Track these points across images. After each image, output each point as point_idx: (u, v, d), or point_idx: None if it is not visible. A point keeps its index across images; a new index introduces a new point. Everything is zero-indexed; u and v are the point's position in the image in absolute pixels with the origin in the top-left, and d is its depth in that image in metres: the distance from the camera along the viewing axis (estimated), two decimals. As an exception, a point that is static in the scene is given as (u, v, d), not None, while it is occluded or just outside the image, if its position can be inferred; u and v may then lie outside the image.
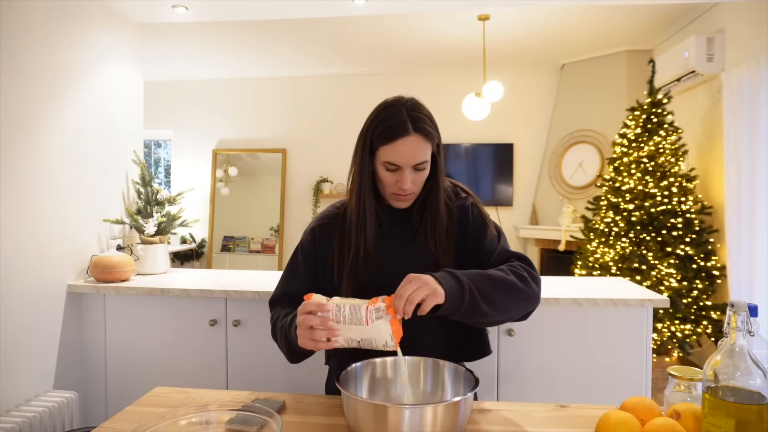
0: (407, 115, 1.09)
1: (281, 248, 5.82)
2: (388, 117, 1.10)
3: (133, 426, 0.91)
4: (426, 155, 1.11)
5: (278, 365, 2.07)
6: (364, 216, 1.15)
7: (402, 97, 1.14)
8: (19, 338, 1.97)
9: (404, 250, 1.18)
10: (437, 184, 1.17)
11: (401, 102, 1.12)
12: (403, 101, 1.13)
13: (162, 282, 2.24)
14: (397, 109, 1.10)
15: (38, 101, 2.06)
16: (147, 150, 6.38)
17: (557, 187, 5.17)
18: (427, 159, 1.12)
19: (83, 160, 2.30)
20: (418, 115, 1.10)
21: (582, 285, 2.18)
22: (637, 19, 4.06)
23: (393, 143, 1.08)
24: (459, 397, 0.86)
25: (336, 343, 0.95)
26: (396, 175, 1.11)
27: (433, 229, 1.16)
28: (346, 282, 1.15)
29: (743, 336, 0.76)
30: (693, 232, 3.41)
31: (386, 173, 1.12)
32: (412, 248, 1.17)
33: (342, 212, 1.23)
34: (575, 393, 1.91)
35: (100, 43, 2.41)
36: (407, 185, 1.10)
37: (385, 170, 1.12)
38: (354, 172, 1.17)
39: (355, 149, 1.17)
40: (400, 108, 1.10)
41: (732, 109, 3.19)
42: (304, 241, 1.24)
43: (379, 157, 1.11)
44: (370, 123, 1.13)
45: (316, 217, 1.27)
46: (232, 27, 4.25)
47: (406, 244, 1.18)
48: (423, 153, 1.10)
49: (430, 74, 5.62)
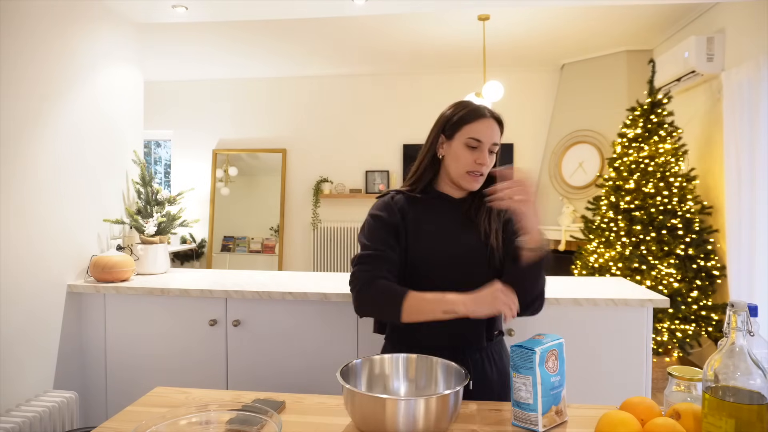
0: (483, 106, 1.29)
1: (281, 248, 5.82)
2: (468, 105, 1.29)
3: (133, 426, 0.92)
4: (499, 139, 1.28)
5: (278, 365, 2.07)
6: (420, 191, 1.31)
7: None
8: (19, 338, 1.97)
9: (456, 225, 1.29)
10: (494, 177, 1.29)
11: (471, 101, 1.32)
12: (471, 102, 1.31)
13: (162, 282, 2.24)
14: (471, 102, 1.31)
15: (38, 101, 2.06)
16: (147, 150, 6.38)
17: (557, 187, 5.17)
18: (499, 144, 1.28)
19: (83, 159, 2.30)
20: (491, 109, 1.29)
21: (582, 285, 2.18)
22: (637, 19, 4.05)
23: (478, 121, 1.25)
24: (449, 391, 0.91)
25: None
26: (475, 154, 1.25)
27: (489, 211, 1.28)
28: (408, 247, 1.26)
29: (743, 336, 0.76)
30: (693, 232, 3.41)
31: (466, 152, 1.25)
32: (470, 230, 1.28)
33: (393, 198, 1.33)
34: (575, 393, 1.91)
35: (100, 42, 2.41)
36: (486, 161, 1.25)
37: (465, 149, 1.25)
38: (420, 155, 1.33)
39: (425, 141, 1.33)
40: (472, 102, 1.31)
41: (732, 109, 3.19)
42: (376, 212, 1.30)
43: (461, 136, 1.26)
44: (451, 112, 1.29)
45: (376, 205, 1.33)
46: (232, 27, 4.24)
47: (463, 226, 1.29)
48: (497, 136, 1.28)
49: (430, 74, 5.62)
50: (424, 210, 1.30)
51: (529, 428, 0.97)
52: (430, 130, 1.33)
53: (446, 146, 1.29)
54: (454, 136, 1.27)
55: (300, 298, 2.01)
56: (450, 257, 1.25)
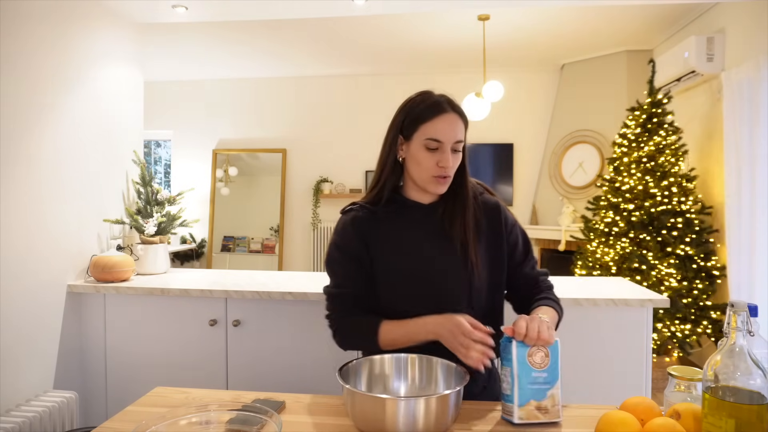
0: (443, 98, 1.15)
1: (281, 248, 5.82)
2: (424, 100, 1.15)
3: (133, 426, 0.91)
4: (462, 135, 1.15)
5: (278, 365, 2.07)
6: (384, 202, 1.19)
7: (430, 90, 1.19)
8: (19, 338, 1.97)
9: (430, 239, 1.18)
10: (465, 175, 1.20)
11: (430, 91, 1.18)
12: (432, 91, 1.18)
13: (162, 282, 2.24)
14: (429, 94, 1.16)
15: (38, 101, 2.05)
16: (147, 150, 6.38)
17: (557, 187, 5.17)
18: (463, 140, 1.15)
19: (83, 159, 2.30)
20: (452, 100, 1.16)
21: (582, 285, 2.18)
22: (637, 19, 4.05)
23: (434, 120, 1.12)
24: (449, 391, 0.91)
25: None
26: (437, 155, 1.13)
27: (464, 220, 1.17)
28: (378, 270, 1.17)
29: (743, 336, 0.76)
30: (693, 232, 3.41)
31: (427, 154, 1.13)
32: (444, 240, 1.18)
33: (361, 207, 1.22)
34: (575, 393, 1.91)
35: (100, 42, 2.40)
36: (449, 162, 1.12)
37: (425, 150, 1.13)
38: (380, 160, 1.20)
39: (383, 143, 1.19)
40: (431, 94, 1.17)
41: (732, 109, 3.19)
42: (338, 239, 1.21)
43: (419, 138, 1.13)
44: (403, 110, 1.17)
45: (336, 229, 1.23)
46: (232, 27, 4.24)
47: (436, 237, 1.18)
48: (461, 132, 1.14)
49: (430, 74, 5.62)
50: (390, 224, 1.18)
51: (508, 419, 0.98)
52: (387, 129, 1.19)
53: (405, 148, 1.16)
54: (412, 137, 1.14)
55: (300, 298, 2.01)
56: (424, 273, 1.15)
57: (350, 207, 1.23)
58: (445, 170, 1.13)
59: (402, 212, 1.20)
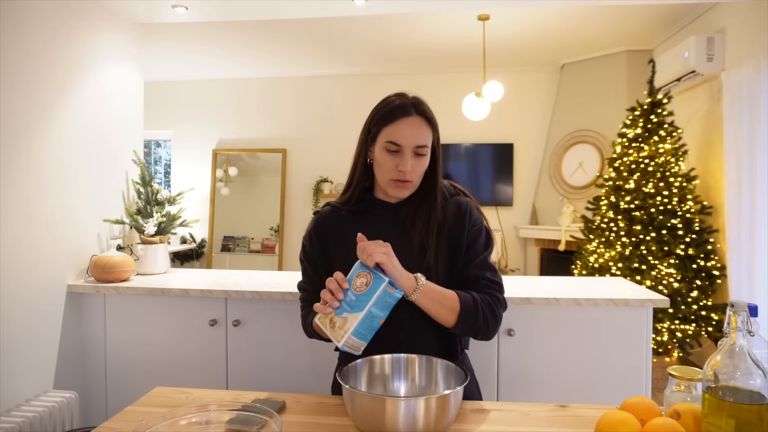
0: (409, 101, 1.14)
1: (281, 248, 5.82)
2: (390, 102, 1.15)
3: (133, 426, 0.91)
4: (427, 140, 1.13)
5: (278, 365, 2.07)
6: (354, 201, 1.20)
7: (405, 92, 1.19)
8: (19, 338, 1.97)
9: (391, 238, 1.11)
10: (435, 180, 1.18)
11: (404, 93, 1.17)
12: (406, 93, 1.17)
13: (162, 282, 2.24)
14: (399, 96, 1.16)
15: (38, 101, 2.06)
16: (147, 150, 6.38)
17: (557, 187, 5.17)
18: (428, 144, 1.13)
19: (83, 159, 2.30)
20: (420, 102, 1.15)
21: (582, 285, 2.18)
22: (637, 19, 4.05)
23: (395, 123, 1.11)
24: (449, 391, 0.91)
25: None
26: (396, 159, 1.12)
27: (427, 222, 1.15)
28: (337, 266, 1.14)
29: (743, 336, 0.76)
30: (693, 232, 3.41)
31: (387, 157, 1.12)
32: (403, 241, 1.15)
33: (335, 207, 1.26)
34: (575, 393, 1.91)
35: (100, 43, 2.41)
36: (408, 167, 1.10)
37: (386, 153, 1.12)
38: (353, 161, 1.21)
39: (357, 143, 1.20)
40: (402, 96, 1.16)
41: (732, 109, 3.19)
42: (304, 241, 1.27)
43: (380, 140, 1.13)
44: (373, 111, 1.16)
45: (307, 229, 1.28)
46: (233, 27, 4.24)
47: (396, 236, 1.14)
48: (424, 136, 1.12)
49: (430, 74, 5.62)
50: (353, 222, 1.19)
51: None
52: (360, 131, 1.19)
53: (372, 150, 1.16)
54: (376, 138, 1.14)
55: (300, 298, 2.01)
56: None
57: (322, 207, 1.28)
58: (403, 174, 1.11)
59: (368, 211, 1.21)
